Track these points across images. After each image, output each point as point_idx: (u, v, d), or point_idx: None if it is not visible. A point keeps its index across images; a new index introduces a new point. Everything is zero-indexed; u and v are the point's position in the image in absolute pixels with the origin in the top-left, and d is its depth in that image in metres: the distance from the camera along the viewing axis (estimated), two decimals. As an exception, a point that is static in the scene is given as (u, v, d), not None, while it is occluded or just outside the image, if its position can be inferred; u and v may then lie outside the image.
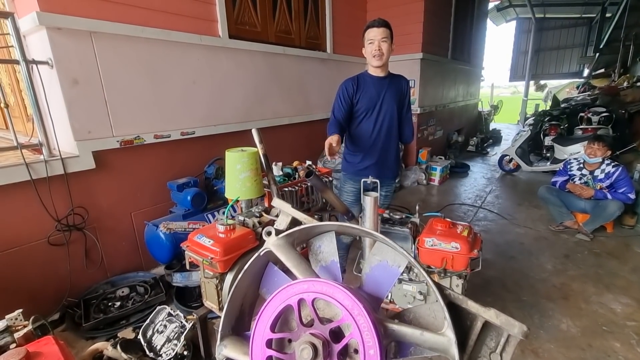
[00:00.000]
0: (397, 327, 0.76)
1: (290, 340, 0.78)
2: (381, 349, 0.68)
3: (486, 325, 0.75)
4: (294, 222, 1.17)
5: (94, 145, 2.30)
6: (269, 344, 0.77)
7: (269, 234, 0.92)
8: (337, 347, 0.71)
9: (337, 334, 0.73)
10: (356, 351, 0.70)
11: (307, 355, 0.69)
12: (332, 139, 1.82)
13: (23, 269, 2.09)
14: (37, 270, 2.14)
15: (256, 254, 0.93)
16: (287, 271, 0.91)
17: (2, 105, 2.03)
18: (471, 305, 0.75)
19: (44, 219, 2.12)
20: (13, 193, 2.01)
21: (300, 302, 0.76)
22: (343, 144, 2.27)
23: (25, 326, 1.44)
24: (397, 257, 0.84)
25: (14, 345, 1.37)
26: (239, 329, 0.95)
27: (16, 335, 1.40)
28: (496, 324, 0.72)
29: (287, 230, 0.94)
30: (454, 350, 0.69)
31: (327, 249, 0.95)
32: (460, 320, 0.77)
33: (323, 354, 0.70)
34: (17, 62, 2.06)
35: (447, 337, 0.71)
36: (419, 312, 0.81)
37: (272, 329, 0.78)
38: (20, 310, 1.51)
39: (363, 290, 0.87)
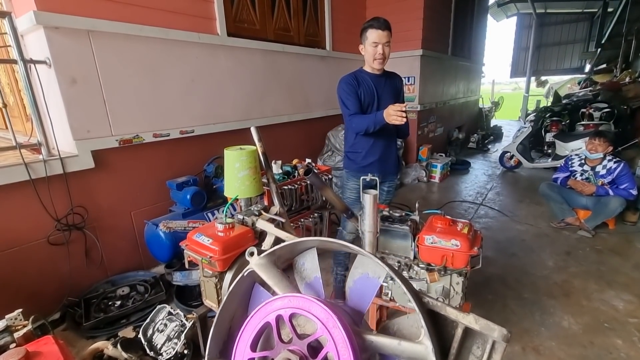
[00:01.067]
0: (375, 339, 0.76)
1: None
2: None
3: (470, 332, 0.73)
4: (278, 242, 1.18)
5: (93, 144, 2.29)
6: None
7: (251, 254, 0.93)
8: None
9: (316, 350, 0.72)
10: None
11: None
12: (388, 110, 1.87)
13: (23, 269, 2.09)
14: (37, 270, 2.15)
15: (240, 275, 0.94)
16: (273, 292, 0.92)
17: (1, 105, 2.03)
18: (450, 312, 0.74)
19: (43, 219, 2.12)
20: (12, 193, 2.01)
21: (279, 318, 0.76)
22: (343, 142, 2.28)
23: (25, 326, 1.44)
24: (377, 268, 0.84)
25: (13, 345, 1.37)
26: (228, 352, 0.95)
27: (16, 335, 1.40)
28: (475, 329, 0.70)
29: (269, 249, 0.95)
30: (432, 358, 0.68)
31: (310, 265, 0.96)
32: (443, 328, 0.76)
33: None
34: (15, 61, 2.05)
35: (424, 345, 0.70)
36: (402, 323, 0.81)
37: (253, 348, 0.78)
38: (20, 310, 1.51)
39: (347, 305, 0.87)
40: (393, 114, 1.84)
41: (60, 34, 2.09)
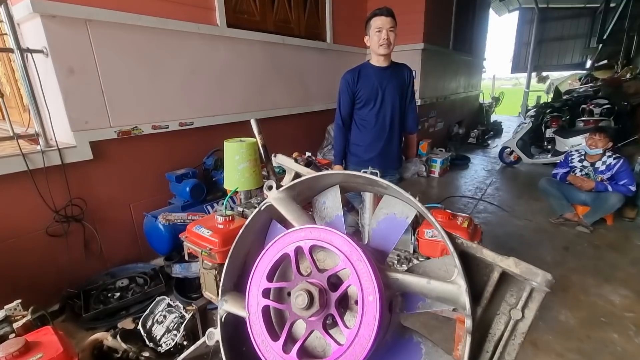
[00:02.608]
0: (400, 276, 0.71)
1: (289, 294, 0.75)
2: (382, 296, 0.64)
3: (505, 278, 0.67)
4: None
5: (91, 135, 2.27)
6: (265, 293, 0.75)
7: (269, 188, 0.88)
8: (335, 295, 0.68)
9: (336, 286, 0.70)
10: (357, 302, 0.67)
11: (302, 302, 0.66)
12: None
13: (22, 260, 2.08)
14: (35, 261, 2.14)
15: (257, 209, 0.90)
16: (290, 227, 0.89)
17: (-3, 94, 2.00)
18: (486, 254, 0.67)
19: (42, 210, 2.11)
20: (10, 184, 1.99)
21: (298, 251, 0.73)
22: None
23: (24, 316, 1.45)
24: (405, 208, 0.80)
25: (13, 335, 1.37)
26: (242, 286, 0.92)
27: (15, 325, 1.40)
28: (515, 274, 0.64)
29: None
30: (465, 298, 0.63)
31: (331, 204, 0.91)
32: (475, 273, 0.70)
33: (319, 302, 0.67)
34: (11, 50, 2.02)
35: (457, 285, 0.65)
36: (430, 266, 0.75)
37: (269, 278, 0.75)
38: (19, 300, 1.51)
39: (369, 246, 0.83)
40: None
41: (57, 23, 2.06)
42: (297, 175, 1.14)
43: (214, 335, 0.92)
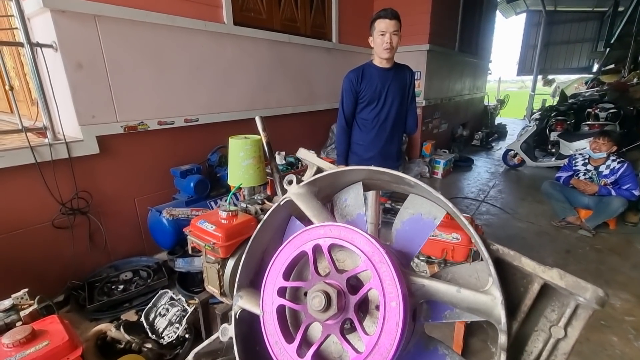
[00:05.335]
0: (427, 282, 0.65)
1: (306, 294, 0.70)
2: (405, 303, 0.59)
3: (546, 290, 0.60)
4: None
5: (98, 130, 2.30)
6: (281, 292, 0.71)
7: (290, 182, 0.84)
8: (355, 299, 0.63)
9: (356, 289, 0.65)
10: (378, 308, 0.62)
11: (319, 304, 0.62)
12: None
13: (28, 251, 2.12)
14: (42, 252, 2.17)
15: (276, 204, 0.87)
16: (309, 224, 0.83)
17: (7, 87, 2.04)
18: (525, 263, 0.60)
19: (48, 202, 2.14)
20: (19, 176, 2.02)
21: (317, 249, 0.69)
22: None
23: (30, 305, 1.47)
24: (432, 208, 0.74)
25: (19, 323, 1.40)
26: (259, 283, 0.87)
27: (22, 313, 1.43)
28: (559, 287, 0.57)
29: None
30: (500, 311, 0.57)
31: (353, 202, 0.86)
32: (511, 283, 0.63)
33: (337, 305, 0.62)
34: (21, 44, 2.05)
35: (491, 296, 0.58)
36: (459, 272, 0.69)
37: (285, 277, 0.71)
38: (26, 289, 1.54)
39: (392, 248, 0.78)
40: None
41: (66, 18, 2.09)
42: (319, 170, 1.08)
43: (227, 332, 0.89)
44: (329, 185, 0.87)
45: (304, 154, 1.17)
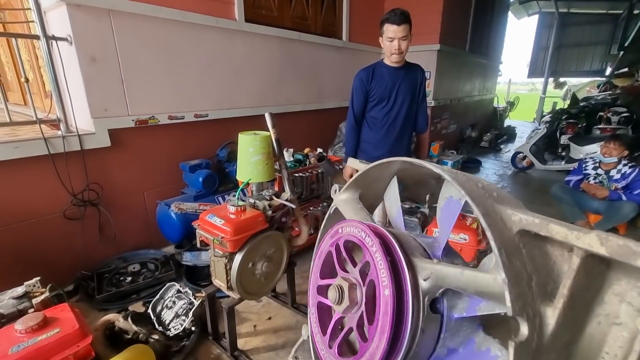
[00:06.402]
0: (434, 267, 0.62)
1: None
2: (401, 289, 0.59)
3: (596, 264, 0.45)
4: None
5: (110, 123, 2.33)
6: (320, 290, 0.80)
7: (335, 191, 0.94)
8: (364, 289, 0.68)
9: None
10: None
11: (333, 297, 0.69)
12: (352, 172, 2.06)
13: (40, 240, 2.16)
14: (53, 242, 2.21)
15: (327, 213, 0.97)
16: None
17: (23, 79, 2.08)
18: (555, 231, 0.49)
19: (60, 193, 2.17)
20: (32, 166, 2.06)
21: (337, 247, 0.76)
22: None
23: (42, 293, 1.50)
24: (457, 192, 0.72)
25: (32, 310, 1.43)
26: None
27: (34, 301, 1.46)
28: (603, 255, 0.42)
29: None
30: (504, 291, 0.47)
31: (392, 198, 0.88)
32: (544, 261, 0.53)
33: (350, 297, 0.66)
34: (37, 37, 2.09)
35: (493, 275, 0.51)
36: (490, 261, 0.64)
37: (322, 276, 0.80)
38: (38, 277, 1.57)
39: (416, 238, 0.78)
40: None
41: (81, 12, 2.12)
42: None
43: (305, 331, 0.98)
44: (363, 180, 0.90)
45: (351, 162, 1.22)
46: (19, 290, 1.51)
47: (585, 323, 0.48)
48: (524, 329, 0.45)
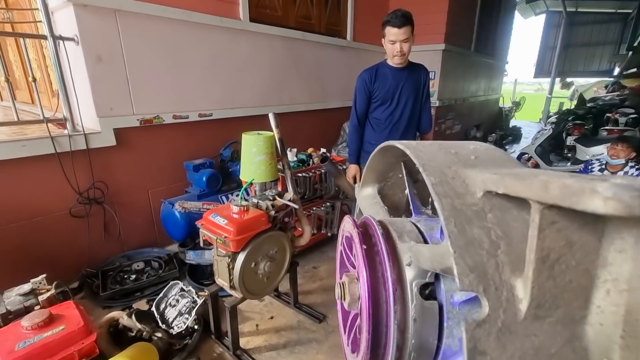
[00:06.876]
0: (407, 246, 0.60)
1: None
2: (380, 275, 0.60)
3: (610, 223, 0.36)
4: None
5: (115, 122, 2.35)
6: None
7: (356, 189, 1.00)
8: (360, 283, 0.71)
9: None
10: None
11: (337, 294, 0.73)
12: (355, 173, 2.22)
13: (46, 237, 2.19)
14: (58, 240, 2.24)
15: (355, 212, 1.00)
16: None
17: (30, 78, 2.10)
18: (511, 187, 0.40)
19: (66, 192, 2.20)
20: (39, 165, 2.09)
21: (343, 244, 0.81)
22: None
23: (48, 290, 1.52)
24: None
25: (37, 307, 1.45)
26: None
27: (40, 298, 1.48)
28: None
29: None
30: (451, 262, 0.41)
31: (400, 186, 0.93)
32: (513, 227, 0.43)
33: (350, 291, 0.67)
34: (45, 37, 2.11)
35: (444, 246, 0.47)
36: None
37: (341, 271, 0.85)
38: (44, 275, 1.59)
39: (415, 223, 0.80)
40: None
41: (88, 12, 2.14)
42: None
43: None
44: (374, 168, 0.90)
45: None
46: (26, 287, 1.54)
47: (589, 293, 0.39)
48: (484, 307, 0.39)
